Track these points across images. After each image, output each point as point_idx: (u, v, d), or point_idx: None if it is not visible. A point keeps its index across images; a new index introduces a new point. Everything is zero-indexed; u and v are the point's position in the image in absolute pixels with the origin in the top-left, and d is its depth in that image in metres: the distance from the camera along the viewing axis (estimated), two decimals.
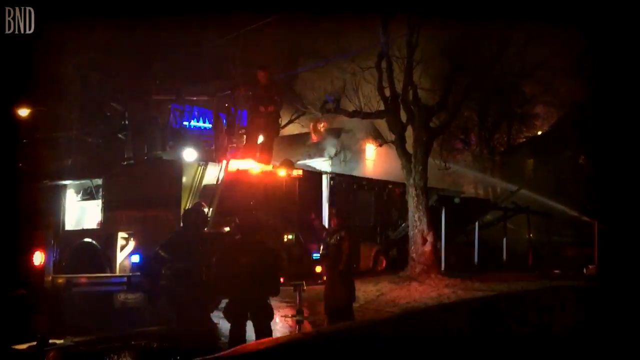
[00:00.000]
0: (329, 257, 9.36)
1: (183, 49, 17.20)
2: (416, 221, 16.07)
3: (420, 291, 14.00)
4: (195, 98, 11.70)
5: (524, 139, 29.61)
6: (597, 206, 20.55)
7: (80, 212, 11.30)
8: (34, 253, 8.58)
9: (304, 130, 22.97)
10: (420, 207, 16.01)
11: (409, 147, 16.46)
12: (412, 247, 16.12)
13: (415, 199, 16.04)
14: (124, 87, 12.52)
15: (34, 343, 8.20)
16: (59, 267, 9.22)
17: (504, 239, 20.47)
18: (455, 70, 16.59)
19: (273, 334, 7.22)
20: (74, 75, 19.33)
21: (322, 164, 22.16)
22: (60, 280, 8.75)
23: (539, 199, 21.52)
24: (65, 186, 11.26)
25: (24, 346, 8.24)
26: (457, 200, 18.46)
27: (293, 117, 24.32)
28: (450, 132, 19.86)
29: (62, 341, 8.48)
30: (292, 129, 24.21)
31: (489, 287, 14.46)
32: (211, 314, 9.38)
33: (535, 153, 28.05)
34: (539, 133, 30.16)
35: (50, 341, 8.30)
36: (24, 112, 22.17)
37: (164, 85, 11.58)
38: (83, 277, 9.25)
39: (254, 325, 6.72)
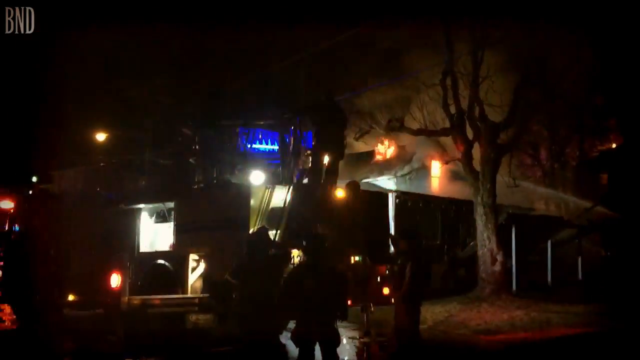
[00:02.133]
0: (394, 279, 9.31)
1: (249, 73, 17.62)
2: (485, 240, 15.72)
3: (490, 313, 13.63)
4: (262, 122, 11.94)
5: (597, 153, 28.46)
6: None
7: (154, 234, 11.68)
8: (111, 275, 8.94)
9: (369, 148, 22.91)
10: (489, 226, 15.67)
11: (476, 164, 16.18)
12: (482, 267, 15.76)
13: (484, 217, 15.72)
14: (194, 112, 12.94)
15: None
16: (134, 288, 9.55)
17: (579, 257, 19.69)
18: (523, 85, 16.21)
19: (340, 356, 7.20)
20: (147, 99, 20.14)
21: (387, 182, 22.02)
22: (135, 302, 9.08)
23: (614, 215, 20.62)
24: (139, 209, 11.69)
25: None
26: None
27: (357, 136, 24.33)
28: (518, 147, 19.33)
29: None
30: (357, 147, 24.21)
31: (563, 308, 13.93)
32: (280, 336, 9.50)
33: (610, 167, 26.91)
34: (614, 146, 28.93)
35: None
36: (100, 136, 23.28)
37: (232, 109, 11.88)
38: (157, 299, 9.56)
39: (321, 350, 6.72)
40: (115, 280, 8.86)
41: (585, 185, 25.71)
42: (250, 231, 9.48)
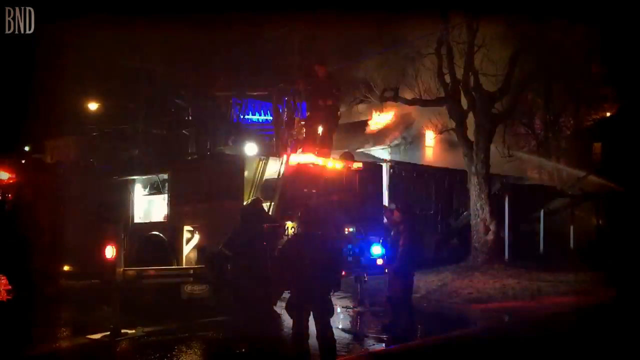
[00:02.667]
0: (387, 251, 9.45)
1: (242, 43, 17.42)
2: (478, 210, 15.82)
3: (483, 281, 13.80)
4: (255, 93, 11.85)
5: (592, 122, 28.43)
6: None
7: (148, 205, 11.67)
8: (106, 247, 8.95)
9: (363, 118, 22.83)
10: (483, 196, 15.75)
11: (470, 134, 16.17)
12: (475, 237, 15.90)
13: (477, 187, 15.79)
14: (187, 82, 12.81)
15: (107, 333, 8.61)
16: (128, 260, 9.59)
17: (571, 227, 19.86)
18: (519, 53, 16.11)
19: (334, 325, 7.30)
20: (140, 68, 19.93)
21: (380, 152, 22.02)
22: (130, 273, 9.11)
23: (608, 184, 20.73)
24: (133, 181, 11.66)
25: (98, 336, 8.68)
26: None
27: (352, 105, 24.21)
28: (513, 117, 19.30)
29: (133, 331, 8.85)
30: (352, 117, 24.12)
31: (555, 277, 14.12)
32: (275, 306, 9.62)
33: (604, 136, 26.94)
34: (608, 115, 28.89)
35: (122, 331, 8.68)
36: (93, 105, 23.12)
37: (225, 80, 11.76)
38: (152, 270, 9.60)
39: (315, 320, 6.80)
40: (110, 251, 8.86)
41: (579, 155, 25.80)
42: (245, 203, 9.49)
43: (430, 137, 21.56)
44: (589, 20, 17.25)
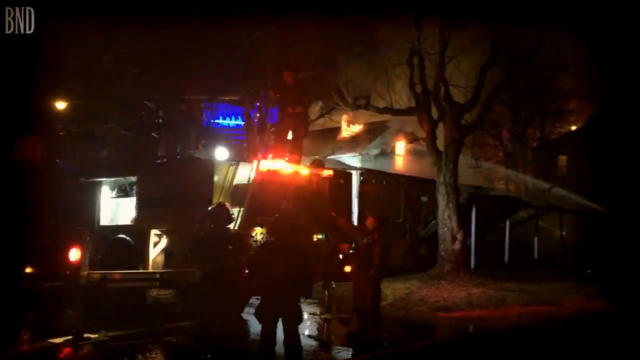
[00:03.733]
0: (359, 258, 9.42)
1: (215, 49, 17.34)
2: (446, 219, 15.99)
3: (449, 290, 13.94)
4: (227, 98, 11.82)
5: (557, 135, 29.10)
6: (631, 204, 20.15)
7: (115, 208, 11.53)
8: (70, 249, 8.80)
9: (335, 124, 22.93)
10: (450, 205, 15.92)
11: (440, 144, 16.36)
12: (442, 246, 16.05)
13: (446, 196, 15.96)
14: (158, 85, 12.69)
15: (69, 337, 8.44)
16: (94, 263, 9.45)
17: (535, 238, 20.23)
18: (489, 65, 16.38)
19: (301, 332, 7.29)
20: (109, 69, 19.66)
21: (351, 159, 22.14)
22: (95, 276, 8.99)
23: (572, 196, 21.21)
24: (100, 182, 11.50)
25: (59, 340, 8.49)
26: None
27: (323, 112, 24.29)
28: (482, 128, 19.63)
29: (96, 336, 8.69)
30: (323, 124, 24.19)
31: (519, 287, 14.35)
32: (242, 312, 9.57)
33: (569, 149, 27.57)
34: (573, 128, 29.60)
35: (85, 335, 8.52)
36: (61, 104, 22.68)
37: (196, 84, 11.70)
38: (117, 273, 9.47)
39: (283, 326, 6.79)
40: (75, 253, 8.71)
41: (545, 167, 26.34)
42: (210, 208, 9.40)
43: (400, 146, 21.76)
44: (558, 34, 17.66)
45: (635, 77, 21.55)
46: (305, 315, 10.96)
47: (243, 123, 11.57)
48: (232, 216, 9.01)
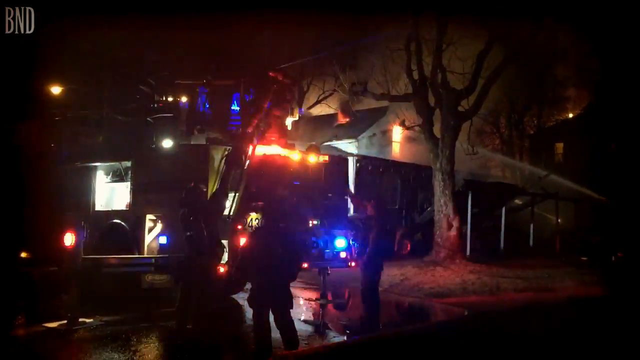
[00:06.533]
0: (357, 245, 9.45)
1: (211, 34, 17.20)
2: (442, 206, 16.02)
3: (444, 276, 14.00)
4: (222, 82, 11.72)
5: (554, 122, 29.07)
6: (626, 193, 20.19)
7: (110, 193, 11.47)
8: (65, 234, 8.77)
9: (331, 111, 22.93)
10: (447, 192, 15.95)
11: (437, 131, 16.35)
12: (437, 232, 16.09)
13: (442, 183, 15.98)
14: (153, 70, 12.59)
15: (64, 322, 8.44)
16: (89, 248, 9.42)
17: (531, 225, 20.28)
18: (486, 52, 16.32)
19: (297, 317, 7.30)
20: (105, 54, 19.54)
21: (348, 145, 22.11)
22: (90, 261, 8.96)
23: (568, 184, 21.23)
24: (95, 167, 11.44)
25: (54, 324, 8.50)
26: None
27: (320, 98, 24.28)
28: (478, 115, 19.60)
29: (91, 320, 8.70)
30: (319, 110, 24.18)
31: (514, 273, 14.41)
32: (235, 296, 9.58)
33: (566, 137, 27.56)
34: (570, 116, 29.59)
35: (80, 320, 8.53)
36: (56, 89, 22.54)
37: (192, 69, 11.61)
38: (112, 258, 9.45)
39: (275, 311, 6.79)
40: (69, 238, 8.67)
41: (542, 154, 26.33)
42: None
43: (397, 133, 21.75)
44: (555, 22, 17.59)
45: (631, 64, 21.48)
46: (301, 301, 11.04)
47: (238, 109, 11.44)
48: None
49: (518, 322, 7.17)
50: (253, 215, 9.37)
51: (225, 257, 9.30)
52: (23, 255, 12.02)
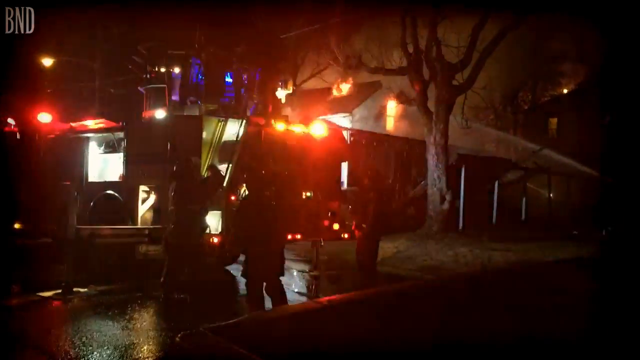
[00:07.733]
0: (356, 216, 9.47)
1: (205, 6, 17.00)
2: (435, 180, 16.08)
3: (436, 249, 14.11)
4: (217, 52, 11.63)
5: (549, 98, 29.05)
6: (619, 167, 20.29)
7: (103, 164, 11.44)
8: (59, 204, 8.78)
9: (326, 85, 22.79)
10: (440, 166, 15.99)
11: (431, 105, 16.33)
12: (430, 206, 16.18)
13: (435, 157, 16.01)
14: (145, 40, 12.44)
15: (59, 291, 8.50)
16: (82, 218, 9.43)
17: (524, 199, 20.40)
18: (481, 25, 16.23)
19: (289, 288, 7.37)
20: (97, 25, 19.33)
21: (342, 119, 22.08)
22: (84, 232, 8.98)
23: (561, 159, 21.33)
24: (88, 138, 11.39)
25: (49, 293, 8.56)
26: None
27: (315, 72, 24.14)
28: (473, 89, 19.58)
29: (85, 290, 8.77)
30: (314, 84, 24.06)
31: (505, 246, 14.52)
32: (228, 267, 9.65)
33: (560, 112, 27.58)
34: (565, 91, 29.56)
35: (74, 289, 8.59)
36: (47, 61, 22.34)
37: (185, 39, 11.49)
38: (106, 229, 9.47)
39: (266, 280, 6.87)
40: (63, 209, 8.70)
41: (535, 129, 26.36)
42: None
43: (391, 107, 21.71)
44: None
45: (628, 40, 21.40)
46: (294, 272, 11.13)
47: (231, 80, 11.39)
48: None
49: (504, 282, 7.25)
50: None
51: (219, 227, 9.37)
52: (17, 226, 12.05)
